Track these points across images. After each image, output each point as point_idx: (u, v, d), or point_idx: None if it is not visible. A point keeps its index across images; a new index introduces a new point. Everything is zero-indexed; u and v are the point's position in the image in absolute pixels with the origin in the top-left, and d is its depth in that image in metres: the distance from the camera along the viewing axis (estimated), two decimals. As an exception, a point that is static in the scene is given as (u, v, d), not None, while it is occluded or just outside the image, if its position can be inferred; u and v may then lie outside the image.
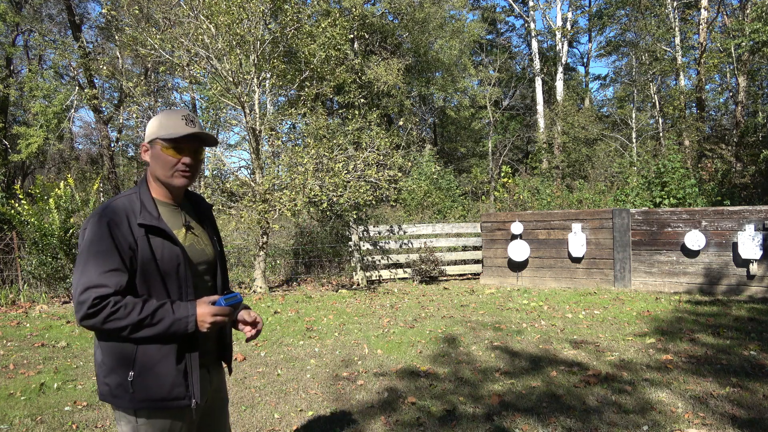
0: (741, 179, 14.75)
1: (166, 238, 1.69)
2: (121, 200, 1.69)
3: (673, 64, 19.42)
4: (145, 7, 10.94)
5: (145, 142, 1.77)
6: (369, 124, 10.74)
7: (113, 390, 1.65)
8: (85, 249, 1.60)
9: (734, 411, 3.49)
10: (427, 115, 24.07)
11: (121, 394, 1.64)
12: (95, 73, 19.03)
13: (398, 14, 18.34)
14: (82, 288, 1.56)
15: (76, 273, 1.61)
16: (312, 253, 10.61)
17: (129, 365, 1.63)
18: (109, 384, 1.66)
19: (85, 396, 4.10)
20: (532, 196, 12.65)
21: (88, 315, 1.55)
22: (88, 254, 1.59)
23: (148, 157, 1.77)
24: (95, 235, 1.60)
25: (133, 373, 1.63)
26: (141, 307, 1.58)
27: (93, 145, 25.71)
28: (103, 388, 1.68)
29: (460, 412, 3.60)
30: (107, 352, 1.65)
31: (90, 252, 1.59)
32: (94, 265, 1.58)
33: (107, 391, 1.67)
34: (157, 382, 1.65)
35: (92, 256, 1.59)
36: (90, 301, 1.54)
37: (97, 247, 1.59)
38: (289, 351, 5.27)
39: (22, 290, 8.30)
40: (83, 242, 1.62)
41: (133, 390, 1.63)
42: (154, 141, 1.74)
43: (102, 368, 1.67)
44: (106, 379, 1.66)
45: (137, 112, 10.72)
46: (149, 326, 1.59)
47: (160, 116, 1.77)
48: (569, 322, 6.20)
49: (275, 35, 9.18)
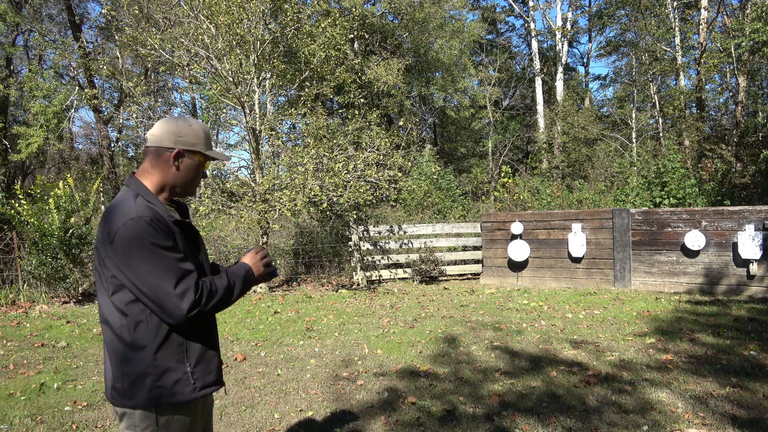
0: (741, 179, 14.75)
1: (194, 234, 1.78)
2: (140, 202, 1.65)
3: (673, 64, 19.42)
4: (145, 7, 10.93)
5: (183, 148, 1.73)
6: (369, 124, 10.74)
7: (170, 390, 1.63)
8: (147, 252, 1.55)
9: (734, 411, 3.49)
10: (427, 115, 24.06)
11: (180, 389, 1.65)
12: (95, 73, 19.04)
13: (398, 14, 18.34)
14: (175, 281, 1.56)
15: (153, 275, 1.55)
16: (312, 253, 10.61)
17: (183, 357, 1.66)
18: (162, 385, 1.62)
19: (85, 396, 4.09)
20: (532, 196, 12.65)
21: (196, 301, 1.57)
22: (154, 254, 1.56)
23: (174, 163, 1.73)
24: (149, 234, 1.57)
25: (190, 364, 1.67)
26: (217, 281, 1.66)
27: (93, 145, 25.71)
28: (154, 392, 1.62)
29: (460, 412, 3.60)
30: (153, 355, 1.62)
31: (154, 251, 1.56)
32: (168, 259, 1.57)
33: (159, 394, 1.62)
34: (212, 365, 1.74)
35: (159, 253, 1.57)
36: (192, 287, 1.57)
37: (158, 243, 1.57)
38: (289, 351, 5.27)
39: (22, 290, 8.30)
40: (137, 248, 1.55)
41: (194, 380, 1.67)
42: (194, 152, 1.75)
43: (147, 377, 1.62)
44: (159, 382, 1.62)
45: (137, 112, 10.72)
46: (233, 291, 1.69)
47: (195, 124, 1.77)
48: (569, 322, 6.20)
49: (275, 35, 9.18)
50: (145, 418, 1.65)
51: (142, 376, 1.62)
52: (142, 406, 1.63)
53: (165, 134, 1.72)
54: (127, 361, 1.63)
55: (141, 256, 1.56)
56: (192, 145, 1.74)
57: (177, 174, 1.74)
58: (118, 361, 1.64)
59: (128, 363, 1.63)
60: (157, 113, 11.85)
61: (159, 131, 1.73)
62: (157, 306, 1.57)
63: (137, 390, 1.62)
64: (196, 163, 1.76)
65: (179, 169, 1.74)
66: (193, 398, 1.68)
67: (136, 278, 1.57)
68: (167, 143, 1.72)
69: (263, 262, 1.83)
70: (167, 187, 1.75)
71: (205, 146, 1.78)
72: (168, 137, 1.72)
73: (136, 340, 1.62)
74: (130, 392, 1.63)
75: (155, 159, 1.72)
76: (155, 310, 1.59)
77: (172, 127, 1.73)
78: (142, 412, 1.65)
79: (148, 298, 1.57)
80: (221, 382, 1.80)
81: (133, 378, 1.63)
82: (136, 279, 1.57)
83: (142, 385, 1.62)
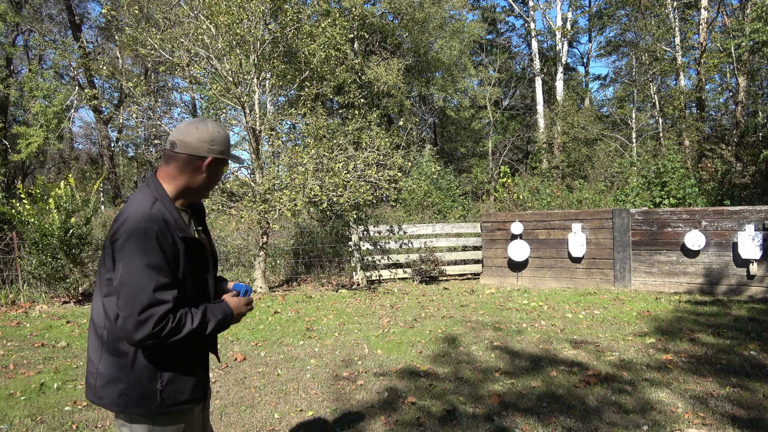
0: (741, 179, 14.75)
1: (201, 249, 1.76)
2: (156, 208, 1.65)
3: (673, 64, 19.42)
4: (145, 7, 10.94)
5: (215, 156, 1.75)
6: (369, 124, 10.74)
7: (136, 401, 1.65)
8: (137, 262, 1.55)
9: (734, 411, 3.49)
10: (427, 115, 24.06)
11: (146, 404, 1.65)
12: (95, 73, 19.04)
13: (398, 14, 18.34)
14: (141, 307, 1.53)
15: (128, 288, 1.55)
16: (312, 253, 10.61)
17: (157, 374, 1.66)
18: (130, 395, 1.64)
19: (85, 396, 4.09)
20: (532, 196, 12.65)
21: (153, 334, 1.54)
22: (141, 268, 1.55)
23: (203, 170, 1.75)
24: (145, 248, 1.56)
25: (161, 381, 1.66)
26: (192, 318, 1.63)
27: (93, 145, 25.72)
28: (122, 399, 1.64)
29: (460, 412, 3.60)
30: (130, 364, 1.63)
31: (143, 266, 1.55)
32: (149, 279, 1.55)
33: (126, 402, 1.64)
34: (184, 386, 1.71)
35: (146, 271, 1.55)
36: (154, 320, 1.54)
37: (149, 261, 1.56)
38: (289, 351, 5.27)
39: (22, 290, 8.30)
40: (131, 254, 1.55)
41: (161, 398, 1.66)
42: (222, 160, 1.78)
43: (118, 382, 1.64)
44: (128, 391, 1.64)
45: (137, 112, 10.71)
46: (200, 332, 1.65)
47: (225, 132, 1.79)
48: (569, 322, 6.20)
49: (275, 35, 9.18)
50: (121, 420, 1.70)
51: (115, 380, 1.64)
52: (111, 408, 1.66)
53: (198, 142, 1.72)
54: (103, 363, 1.66)
55: (131, 264, 1.55)
56: (222, 153, 1.77)
57: (204, 180, 1.77)
58: (95, 359, 1.67)
59: (104, 364, 1.65)
60: (157, 113, 11.84)
61: (192, 139, 1.72)
62: (121, 318, 1.57)
63: (108, 392, 1.66)
64: (219, 169, 1.79)
65: (208, 176, 1.77)
66: (161, 414, 1.68)
67: (118, 281, 1.57)
68: (202, 152, 1.73)
69: (246, 309, 1.85)
70: (189, 192, 1.78)
71: (229, 151, 1.82)
72: (201, 146, 1.73)
73: (116, 347, 1.64)
74: (101, 391, 1.67)
75: (185, 166, 1.73)
76: (119, 320, 1.59)
77: (204, 134, 1.73)
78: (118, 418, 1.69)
79: (117, 305, 1.58)
80: (197, 398, 1.77)
81: (106, 380, 1.66)
82: (118, 282, 1.57)
83: (114, 388, 1.65)
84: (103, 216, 14.35)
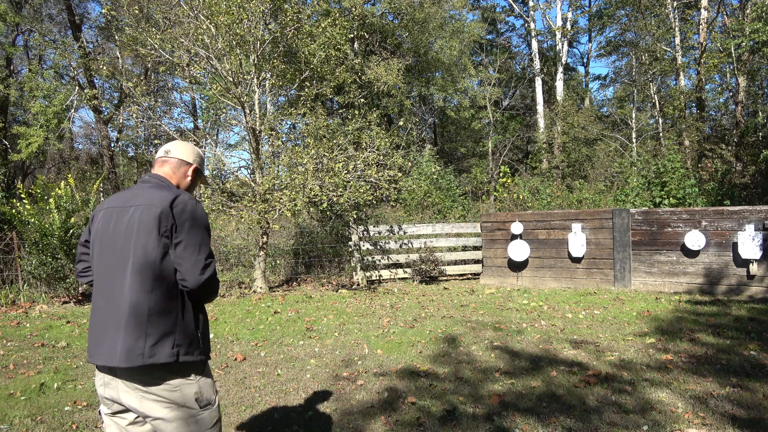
0: (741, 179, 14.75)
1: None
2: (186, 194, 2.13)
3: (673, 64, 19.42)
4: (145, 7, 10.94)
5: (198, 167, 2.27)
6: (369, 124, 10.74)
7: (186, 348, 1.96)
8: (204, 228, 2.02)
9: (734, 411, 3.49)
10: (427, 115, 24.07)
11: (192, 349, 1.98)
12: (95, 73, 19.03)
13: (398, 14, 18.34)
14: (206, 255, 1.99)
15: (197, 244, 1.97)
16: (312, 253, 10.61)
17: (197, 325, 2.03)
18: (181, 344, 1.94)
19: (85, 396, 4.10)
20: (532, 196, 12.65)
21: (212, 275, 1.99)
22: (205, 233, 2.02)
23: (188, 174, 2.24)
24: (207, 222, 2.06)
25: (199, 330, 2.03)
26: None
27: (93, 145, 25.72)
28: (175, 349, 1.92)
29: (460, 412, 3.60)
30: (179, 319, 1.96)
31: (206, 232, 2.03)
32: (208, 242, 2.03)
33: (178, 351, 1.93)
34: (206, 340, 2.08)
35: (207, 236, 2.03)
36: (213, 265, 2.01)
37: (209, 230, 2.06)
38: (289, 351, 5.27)
39: (22, 290, 8.30)
40: (201, 223, 2.00)
41: (201, 344, 2.02)
42: (201, 172, 2.30)
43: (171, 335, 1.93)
44: (180, 340, 1.94)
45: (137, 112, 10.71)
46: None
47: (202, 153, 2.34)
48: (569, 322, 6.20)
49: (275, 35, 9.18)
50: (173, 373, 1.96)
51: (167, 334, 1.92)
52: (163, 361, 1.89)
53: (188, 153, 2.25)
54: (153, 325, 1.91)
55: (196, 226, 2.00)
56: (202, 165, 2.30)
57: (189, 184, 2.25)
58: (139, 325, 1.90)
59: (154, 326, 1.91)
60: (157, 113, 11.84)
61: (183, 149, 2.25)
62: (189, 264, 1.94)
63: (161, 347, 1.90)
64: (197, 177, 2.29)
65: (191, 181, 2.25)
66: (199, 360, 2.00)
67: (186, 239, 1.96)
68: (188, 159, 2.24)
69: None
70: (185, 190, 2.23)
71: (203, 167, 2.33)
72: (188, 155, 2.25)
73: (165, 306, 1.94)
74: (153, 350, 1.89)
75: (176, 168, 2.21)
76: (182, 266, 1.94)
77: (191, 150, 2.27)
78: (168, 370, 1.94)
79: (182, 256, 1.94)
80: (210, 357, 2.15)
81: (156, 338, 1.90)
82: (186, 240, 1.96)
83: (167, 342, 1.92)
84: (103, 216, 14.31)
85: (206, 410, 2.04)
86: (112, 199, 2.12)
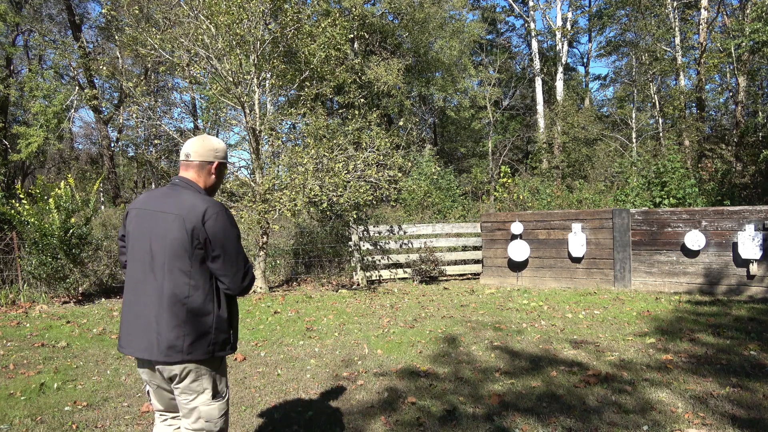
0: (741, 179, 14.75)
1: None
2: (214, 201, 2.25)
3: (673, 64, 19.42)
4: (145, 7, 10.94)
5: (221, 161, 2.33)
6: (369, 124, 10.74)
7: (220, 346, 2.17)
8: (236, 238, 2.17)
9: (734, 411, 3.49)
10: (427, 115, 24.07)
11: (223, 347, 2.19)
12: (95, 73, 19.04)
13: (398, 14, 18.34)
14: (245, 262, 2.18)
15: (236, 256, 2.15)
16: (312, 253, 10.60)
17: (230, 324, 2.22)
18: (216, 342, 2.15)
19: (85, 396, 4.10)
20: (532, 196, 12.65)
21: (251, 281, 2.21)
22: (237, 242, 2.18)
23: (213, 172, 2.32)
24: (238, 229, 2.20)
25: (233, 330, 2.24)
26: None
27: (93, 145, 25.72)
28: (211, 347, 2.13)
29: (460, 412, 3.60)
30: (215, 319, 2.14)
31: (238, 239, 2.19)
32: (242, 247, 2.20)
33: (213, 349, 2.14)
34: (236, 335, 2.29)
35: (239, 242, 2.19)
36: (252, 271, 2.22)
37: (239, 236, 2.20)
38: (289, 351, 5.27)
39: (22, 290, 8.30)
40: (234, 234, 2.15)
41: (232, 342, 2.23)
42: (225, 164, 2.38)
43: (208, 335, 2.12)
44: (215, 339, 2.14)
45: (137, 112, 10.71)
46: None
47: (222, 142, 2.38)
48: (569, 322, 6.20)
49: (275, 35, 9.18)
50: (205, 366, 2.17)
51: (204, 333, 2.12)
52: (199, 358, 2.10)
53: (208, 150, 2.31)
54: (190, 324, 2.09)
55: (230, 237, 2.15)
56: (224, 158, 2.36)
57: (214, 179, 2.34)
58: (179, 324, 2.08)
59: (191, 325, 2.09)
60: (157, 113, 11.84)
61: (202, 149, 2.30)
62: (230, 273, 2.13)
63: (199, 345, 2.10)
64: (222, 170, 2.38)
65: (216, 176, 2.34)
66: (228, 354, 2.23)
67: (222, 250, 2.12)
68: (209, 157, 2.31)
69: None
70: (206, 189, 2.32)
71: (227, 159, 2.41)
72: (208, 152, 2.31)
73: (204, 308, 2.11)
74: (190, 348, 2.08)
75: (199, 170, 2.29)
76: (226, 277, 2.13)
77: (211, 144, 2.32)
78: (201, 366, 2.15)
79: (222, 266, 2.11)
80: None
81: (194, 337, 2.09)
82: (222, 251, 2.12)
83: (204, 341, 2.12)
84: (103, 216, 14.34)
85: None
86: (143, 200, 2.28)
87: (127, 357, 5.18)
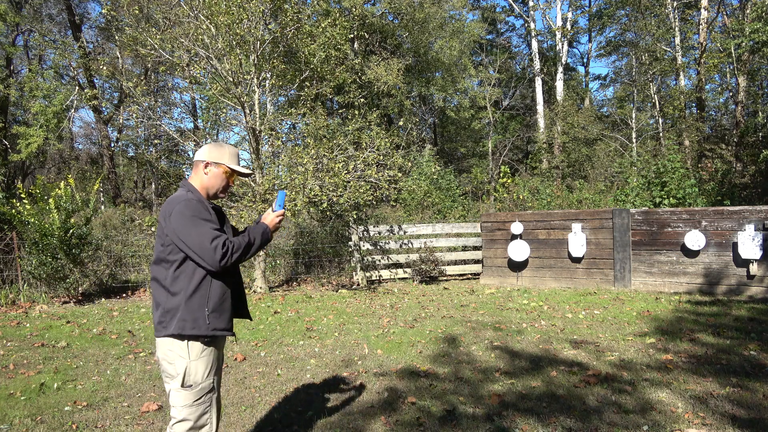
0: (741, 179, 14.75)
1: (222, 215, 2.50)
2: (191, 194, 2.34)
3: (673, 64, 19.42)
4: (145, 7, 10.94)
5: (210, 161, 2.40)
6: (369, 124, 10.73)
7: (190, 323, 2.25)
8: (195, 217, 2.21)
9: (734, 411, 3.49)
10: (427, 115, 24.07)
11: (198, 325, 2.27)
12: (95, 73, 19.04)
13: (398, 14, 18.34)
14: (209, 239, 2.19)
15: (192, 233, 2.19)
16: (312, 253, 10.60)
17: (204, 306, 2.28)
18: (186, 319, 2.25)
19: (85, 396, 4.10)
20: (532, 196, 12.65)
21: (224, 253, 2.20)
22: (198, 220, 2.22)
23: (204, 171, 2.41)
24: (195, 210, 2.24)
25: (207, 310, 2.29)
26: (241, 239, 2.29)
27: (93, 145, 25.71)
28: (179, 324, 2.24)
29: (460, 412, 3.60)
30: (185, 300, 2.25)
31: (200, 218, 2.23)
32: (203, 225, 2.22)
33: (182, 326, 2.24)
34: (222, 317, 2.34)
35: (203, 221, 2.23)
36: (220, 244, 2.20)
37: (202, 216, 2.24)
38: (289, 351, 5.27)
39: (22, 290, 8.30)
40: (185, 216, 2.20)
41: (209, 322, 2.29)
42: (220, 164, 2.42)
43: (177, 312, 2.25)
44: (185, 315, 2.24)
45: (137, 112, 10.71)
46: (251, 245, 2.31)
47: (228, 147, 2.47)
48: (569, 322, 6.20)
49: (275, 35, 9.18)
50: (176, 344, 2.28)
51: (175, 311, 2.26)
52: (171, 334, 2.25)
53: (201, 153, 2.45)
54: (168, 302, 2.28)
55: (186, 223, 2.21)
56: (218, 159, 2.42)
57: (207, 179, 2.42)
58: (162, 303, 2.29)
59: (168, 304, 2.28)
60: (157, 113, 11.85)
61: (201, 151, 2.46)
62: (200, 257, 2.20)
63: (172, 322, 2.26)
64: (220, 172, 2.42)
65: (209, 176, 2.42)
66: (205, 334, 2.28)
67: (184, 237, 2.20)
68: (200, 158, 2.44)
69: (278, 219, 2.47)
70: (202, 188, 2.42)
71: (232, 162, 2.44)
72: (201, 154, 2.44)
73: (174, 290, 2.27)
74: (166, 323, 2.27)
75: (195, 169, 2.45)
76: (199, 260, 2.21)
77: (206, 147, 2.46)
78: (173, 339, 2.27)
79: (194, 252, 2.20)
80: (231, 331, 2.39)
81: (170, 314, 2.27)
82: (184, 238, 2.20)
83: (175, 318, 2.26)
84: (103, 216, 14.33)
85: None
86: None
87: (127, 357, 5.18)
